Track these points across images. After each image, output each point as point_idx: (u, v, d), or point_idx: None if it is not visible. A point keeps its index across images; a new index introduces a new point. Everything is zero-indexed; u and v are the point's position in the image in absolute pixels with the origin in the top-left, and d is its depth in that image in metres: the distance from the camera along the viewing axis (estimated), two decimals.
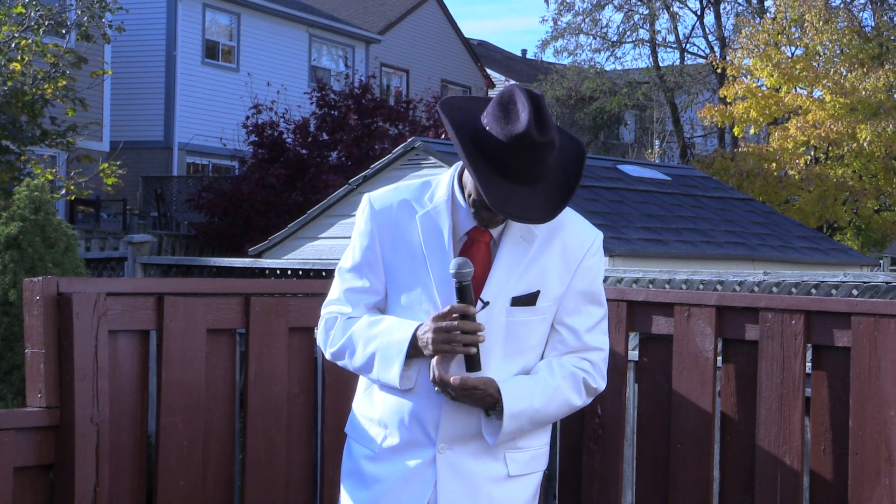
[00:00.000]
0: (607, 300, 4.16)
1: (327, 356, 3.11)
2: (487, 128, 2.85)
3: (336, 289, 3.12)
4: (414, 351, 2.91)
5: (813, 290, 6.77)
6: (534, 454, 3.06)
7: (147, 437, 3.94)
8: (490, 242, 2.98)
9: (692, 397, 3.98)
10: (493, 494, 2.98)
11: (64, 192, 13.47)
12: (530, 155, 2.81)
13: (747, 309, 3.89)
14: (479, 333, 2.85)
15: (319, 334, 3.14)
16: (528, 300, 2.96)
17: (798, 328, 3.76)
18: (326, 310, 3.12)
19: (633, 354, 4.57)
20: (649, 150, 32.51)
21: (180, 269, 11.10)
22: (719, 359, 3.99)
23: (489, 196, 2.80)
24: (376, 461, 3.01)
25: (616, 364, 4.14)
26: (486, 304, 2.93)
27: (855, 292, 6.63)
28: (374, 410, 3.04)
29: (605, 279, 7.95)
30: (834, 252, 14.28)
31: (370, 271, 3.05)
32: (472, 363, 2.87)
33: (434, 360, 2.90)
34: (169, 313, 3.89)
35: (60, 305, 3.68)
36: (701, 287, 7.36)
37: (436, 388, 2.91)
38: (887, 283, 6.57)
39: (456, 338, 2.84)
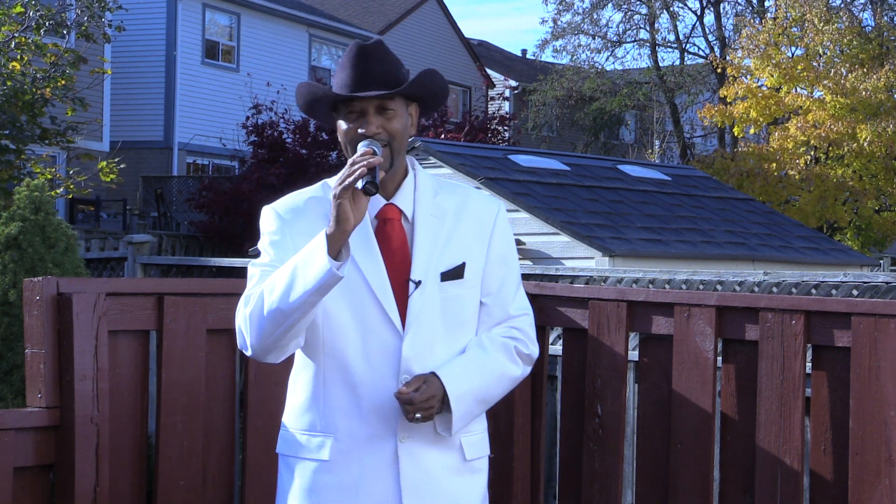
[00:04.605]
0: (607, 300, 4.19)
1: (252, 338, 2.84)
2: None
3: (251, 281, 2.91)
4: (332, 242, 2.75)
5: (813, 290, 6.77)
6: (481, 437, 3.07)
7: (147, 437, 3.93)
8: (402, 221, 2.98)
9: (692, 397, 3.97)
10: (453, 485, 2.97)
11: (62, 189, 13.45)
12: (365, 58, 2.97)
13: (747, 309, 3.89)
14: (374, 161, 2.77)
15: (241, 320, 2.87)
16: (456, 273, 2.97)
17: (798, 328, 3.75)
18: (245, 294, 2.88)
19: (633, 354, 4.57)
20: (649, 151, 32.51)
21: (180, 269, 11.10)
22: (719, 359, 3.99)
23: (350, 90, 2.91)
24: (330, 470, 2.92)
25: (616, 364, 4.14)
26: (418, 283, 2.92)
27: (855, 292, 6.63)
28: (318, 419, 2.94)
29: (605, 279, 7.96)
30: (834, 252, 14.29)
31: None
32: (370, 182, 2.75)
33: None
34: (169, 313, 3.89)
35: (60, 305, 3.67)
36: (701, 287, 7.36)
37: (409, 417, 2.84)
38: (887, 283, 6.57)
39: (356, 166, 2.75)
